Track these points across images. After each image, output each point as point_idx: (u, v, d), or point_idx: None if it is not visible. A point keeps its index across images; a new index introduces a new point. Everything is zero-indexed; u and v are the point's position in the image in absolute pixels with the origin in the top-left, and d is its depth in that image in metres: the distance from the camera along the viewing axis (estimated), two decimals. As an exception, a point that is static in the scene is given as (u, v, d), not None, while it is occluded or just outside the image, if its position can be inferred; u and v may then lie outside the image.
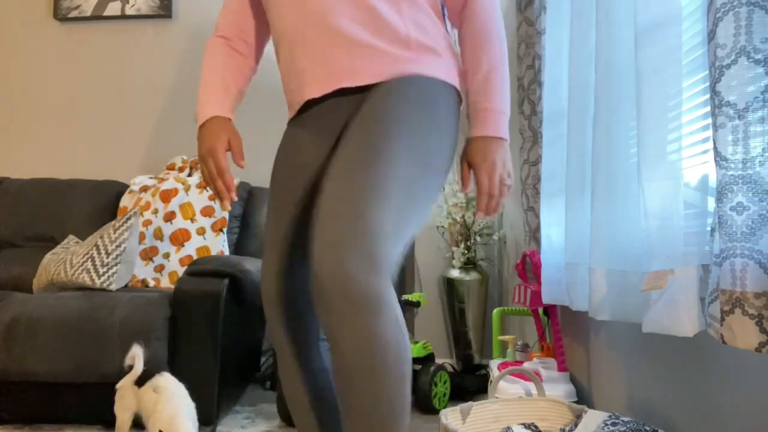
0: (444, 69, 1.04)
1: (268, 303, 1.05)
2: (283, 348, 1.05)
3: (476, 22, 1.05)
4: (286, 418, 2.05)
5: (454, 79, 1.05)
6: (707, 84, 1.10)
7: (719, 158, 0.87)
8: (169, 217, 2.50)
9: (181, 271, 2.44)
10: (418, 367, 2.29)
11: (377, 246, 0.80)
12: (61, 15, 3.08)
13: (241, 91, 1.17)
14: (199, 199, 2.55)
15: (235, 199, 1.05)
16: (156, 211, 2.52)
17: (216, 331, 1.97)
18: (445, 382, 2.30)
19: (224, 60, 1.14)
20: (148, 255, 2.46)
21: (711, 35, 0.89)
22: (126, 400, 1.66)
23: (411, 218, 0.88)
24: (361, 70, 1.00)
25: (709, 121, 1.08)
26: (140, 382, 1.67)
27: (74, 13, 3.07)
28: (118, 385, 1.70)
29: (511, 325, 2.75)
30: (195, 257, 2.46)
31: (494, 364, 1.97)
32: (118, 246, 2.21)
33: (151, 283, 2.43)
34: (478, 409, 1.50)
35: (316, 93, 1.02)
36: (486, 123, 1.01)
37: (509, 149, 1.04)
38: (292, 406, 1.07)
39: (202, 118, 1.07)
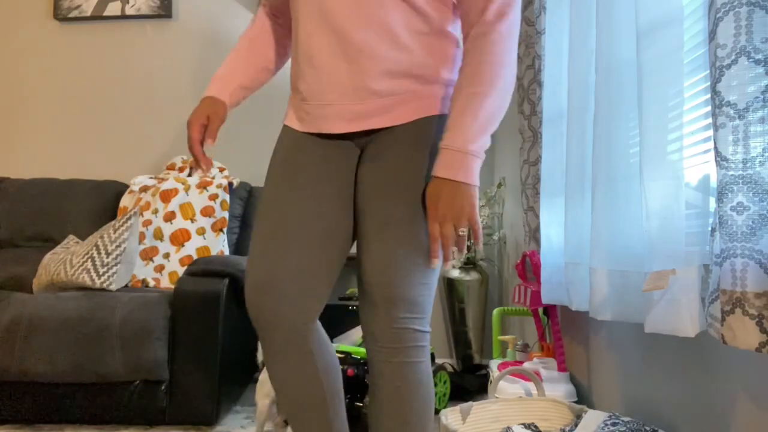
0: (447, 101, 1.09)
1: (280, 296, 1.03)
2: (277, 331, 1.05)
3: (487, 44, 1.00)
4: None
5: None
6: (708, 84, 1.10)
7: (720, 158, 0.87)
8: (169, 217, 2.50)
9: (181, 271, 2.44)
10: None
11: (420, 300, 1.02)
12: (61, 15, 3.08)
13: (267, 68, 1.24)
14: (199, 199, 2.55)
15: (204, 168, 1.14)
16: (156, 211, 2.51)
17: (216, 331, 1.97)
18: (445, 382, 2.30)
19: (260, 36, 1.22)
20: (148, 255, 2.46)
21: (711, 35, 0.89)
22: (266, 388, 1.71)
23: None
24: (391, 110, 1.05)
25: (710, 121, 1.08)
26: None
27: (74, 13, 3.07)
28: (258, 374, 1.79)
29: (511, 325, 2.75)
30: (195, 257, 2.46)
31: (494, 364, 1.97)
32: (118, 246, 2.21)
33: (151, 283, 2.43)
34: (478, 409, 1.50)
35: (341, 130, 1.06)
36: (454, 166, 0.95)
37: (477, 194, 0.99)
38: (290, 392, 1.08)
39: (205, 92, 1.18)
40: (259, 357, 1.85)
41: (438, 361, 2.87)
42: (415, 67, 1.05)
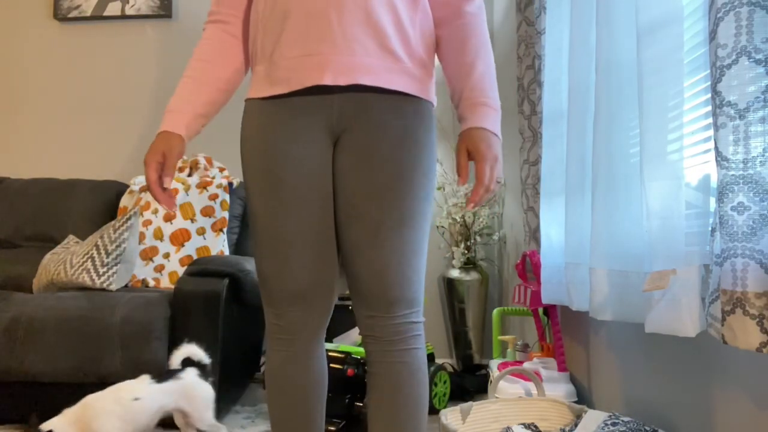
0: (432, 88, 1.13)
1: (295, 293, 1.07)
2: (299, 337, 1.09)
3: (471, 24, 1.11)
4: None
5: (434, 96, 1.14)
6: (708, 84, 1.10)
7: (720, 158, 0.87)
8: (169, 217, 2.50)
9: (181, 271, 2.44)
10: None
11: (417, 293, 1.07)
12: (61, 15, 3.08)
13: (222, 89, 1.15)
14: (199, 199, 2.55)
15: (172, 208, 1.10)
16: (156, 211, 2.52)
17: (216, 331, 1.97)
18: (445, 382, 2.30)
19: (212, 57, 1.14)
20: (148, 255, 2.46)
21: (712, 35, 0.89)
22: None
23: (424, 251, 1.08)
24: (377, 72, 1.03)
25: (710, 121, 1.08)
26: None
27: (74, 13, 3.07)
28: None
29: (511, 325, 2.75)
30: (195, 257, 2.46)
31: (494, 364, 1.97)
32: (118, 246, 2.21)
33: (151, 283, 2.43)
34: (478, 409, 1.50)
35: (330, 81, 1.01)
36: (487, 118, 1.05)
37: None
38: (291, 391, 1.11)
39: (160, 127, 1.12)
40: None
41: (438, 361, 2.87)
42: (403, 33, 1.05)
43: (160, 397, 1.59)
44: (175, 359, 1.69)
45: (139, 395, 1.55)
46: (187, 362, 1.70)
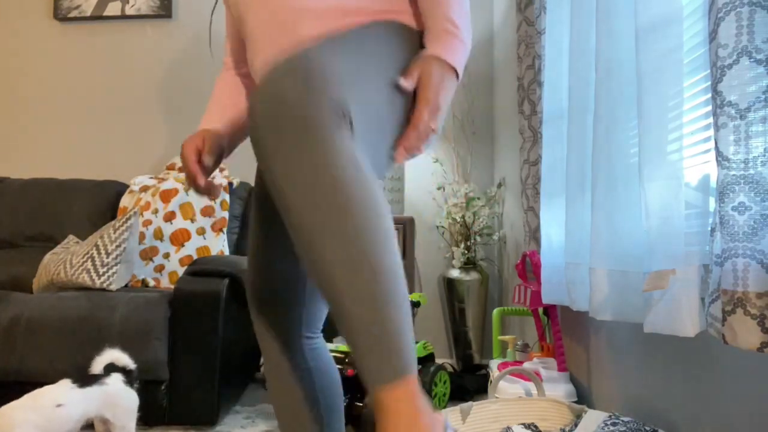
0: (408, 16, 0.97)
1: (252, 298, 1.02)
2: (269, 344, 1.02)
3: None
4: (286, 418, 2.05)
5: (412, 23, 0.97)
6: (708, 84, 1.10)
7: (721, 158, 0.87)
8: (169, 217, 2.50)
9: (181, 271, 2.44)
10: (419, 367, 2.29)
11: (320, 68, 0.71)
12: (61, 15, 3.08)
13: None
14: (199, 199, 2.55)
15: (217, 196, 1.02)
16: (156, 211, 2.51)
17: (216, 331, 1.97)
18: (445, 382, 2.30)
19: (226, 86, 1.19)
20: (148, 255, 2.46)
21: (712, 35, 0.89)
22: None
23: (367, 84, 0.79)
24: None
25: (711, 120, 1.08)
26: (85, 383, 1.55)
27: (74, 13, 3.07)
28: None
29: (511, 325, 2.75)
30: (195, 257, 2.46)
31: (494, 364, 1.97)
32: (118, 246, 2.21)
33: (151, 283, 2.43)
34: (478, 409, 1.50)
35: None
36: (449, 47, 0.88)
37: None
38: (284, 405, 1.03)
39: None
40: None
41: (438, 361, 2.87)
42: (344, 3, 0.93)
43: (84, 403, 1.49)
44: (98, 364, 1.60)
45: (61, 401, 1.45)
46: (111, 368, 1.60)
